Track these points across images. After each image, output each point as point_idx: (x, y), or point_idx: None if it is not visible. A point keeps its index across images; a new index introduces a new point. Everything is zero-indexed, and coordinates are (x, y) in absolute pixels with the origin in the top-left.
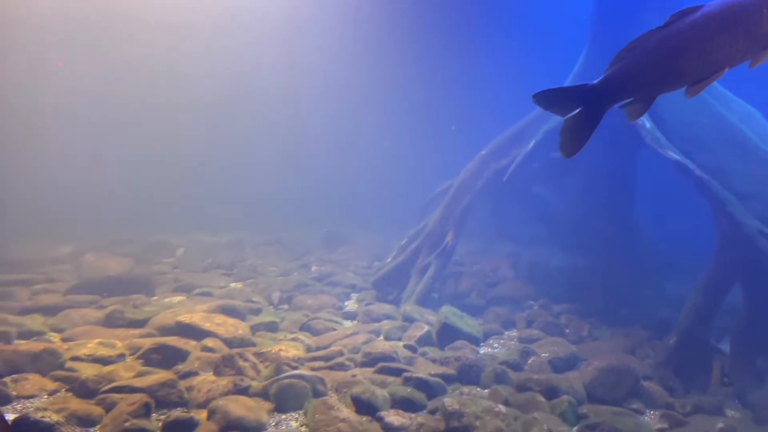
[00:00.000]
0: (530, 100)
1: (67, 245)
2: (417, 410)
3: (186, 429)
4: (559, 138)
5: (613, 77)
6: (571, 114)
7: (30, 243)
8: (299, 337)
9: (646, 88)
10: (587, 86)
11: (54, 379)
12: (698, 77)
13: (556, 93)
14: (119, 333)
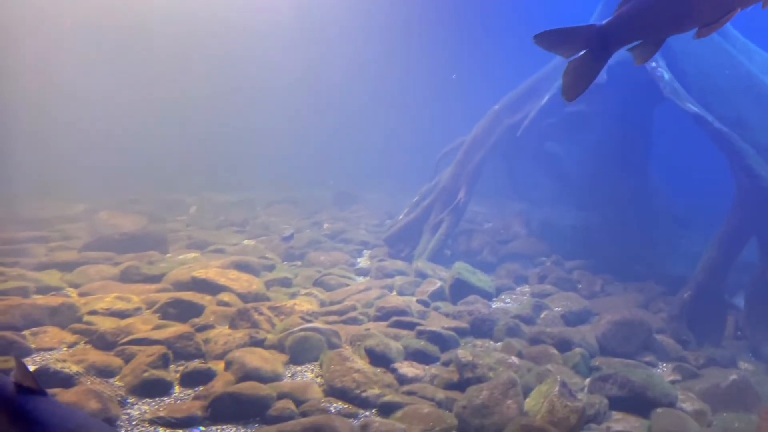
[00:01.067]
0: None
1: (80, 204)
2: (430, 362)
3: (204, 379)
4: (561, 81)
5: (621, 18)
6: (576, 56)
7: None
8: (313, 292)
9: (655, 30)
10: (593, 27)
11: (73, 332)
12: (709, 18)
13: (560, 33)
14: (135, 288)
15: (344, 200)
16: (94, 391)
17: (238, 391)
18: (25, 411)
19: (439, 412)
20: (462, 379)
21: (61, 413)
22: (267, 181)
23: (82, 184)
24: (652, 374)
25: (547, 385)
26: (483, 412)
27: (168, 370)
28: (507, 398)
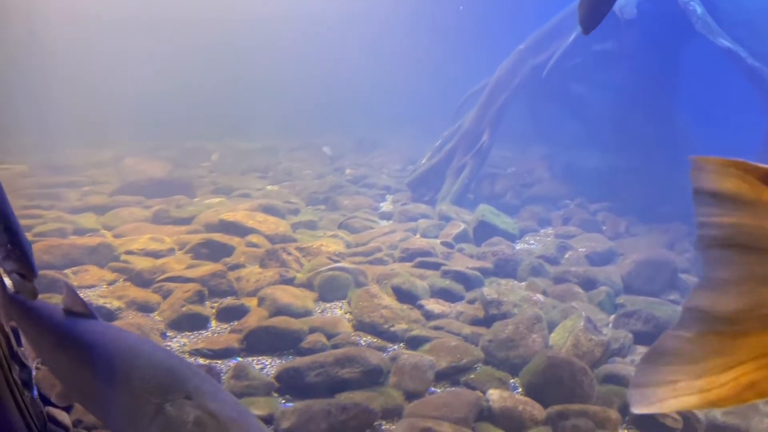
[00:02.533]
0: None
1: (106, 151)
2: (455, 301)
3: (238, 314)
4: (578, 11)
5: None
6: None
7: (70, 149)
8: (338, 235)
9: None
10: None
11: (111, 270)
12: None
13: None
14: (167, 230)
15: (366, 146)
16: (136, 325)
17: (272, 325)
18: (76, 335)
19: (465, 345)
20: (487, 315)
21: (112, 335)
22: (287, 128)
23: (105, 132)
24: (677, 310)
25: (572, 321)
26: (508, 345)
27: (204, 305)
28: (532, 333)
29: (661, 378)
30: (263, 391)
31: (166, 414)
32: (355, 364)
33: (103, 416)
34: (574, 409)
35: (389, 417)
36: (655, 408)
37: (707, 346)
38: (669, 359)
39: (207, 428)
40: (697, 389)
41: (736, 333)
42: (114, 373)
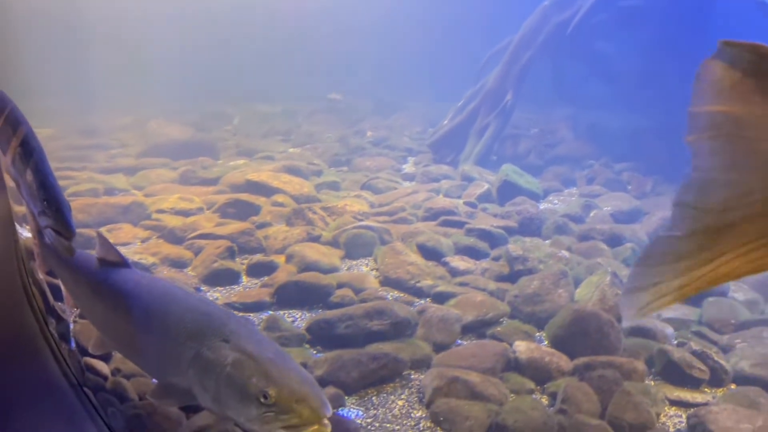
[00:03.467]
0: None
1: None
2: (480, 258)
3: (268, 270)
4: None
5: None
6: None
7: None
8: (362, 195)
9: None
10: None
11: (144, 228)
12: None
13: None
14: (194, 190)
15: (386, 109)
16: (171, 280)
17: (302, 280)
18: (111, 283)
19: (491, 300)
20: (512, 271)
21: (147, 282)
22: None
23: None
24: None
25: (597, 276)
26: (534, 300)
27: (234, 261)
28: (558, 287)
29: (648, 281)
30: (295, 342)
31: (204, 357)
32: (384, 316)
33: (140, 362)
34: (600, 361)
35: (418, 367)
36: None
37: (694, 243)
38: (656, 260)
39: (245, 369)
40: (676, 287)
41: (723, 225)
42: (150, 319)
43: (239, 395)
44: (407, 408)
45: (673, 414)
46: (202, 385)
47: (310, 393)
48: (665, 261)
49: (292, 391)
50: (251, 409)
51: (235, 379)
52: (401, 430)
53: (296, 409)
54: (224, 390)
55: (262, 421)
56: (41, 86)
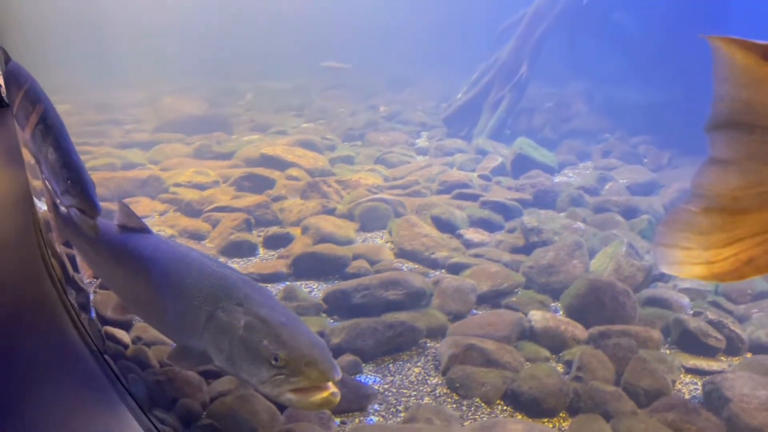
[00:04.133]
0: None
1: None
2: (495, 230)
3: (284, 242)
4: None
5: None
6: None
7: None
8: (376, 169)
9: None
10: None
11: (162, 201)
12: None
13: None
14: (209, 164)
15: (398, 84)
16: None
17: (318, 251)
18: (130, 248)
19: (506, 271)
20: (527, 243)
21: (165, 247)
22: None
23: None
24: None
25: (613, 247)
26: (549, 271)
27: (251, 233)
28: (573, 258)
29: (678, 242)
30: (312, 311)
31: (219, 320)
32: (399, 286)
33: (158, 325)
34: (616, 330)
35: (433, 336)
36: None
37: (711, 221)
38: (683, 227)
39: (257, 332)
40: (704, 259)
41: (737, 210)
42: (168, 283)
43: (251, 357)
44: (423, 375)
45: (689, 381)
46: (216, 347)
47: (320, 356)
48: (687, 230)
49: (302, 354)
50: (262, 371)
51: (247, 342)
52: (418, 396)
53: (305, 371)
54: (237, 352)
55: (273, 383)
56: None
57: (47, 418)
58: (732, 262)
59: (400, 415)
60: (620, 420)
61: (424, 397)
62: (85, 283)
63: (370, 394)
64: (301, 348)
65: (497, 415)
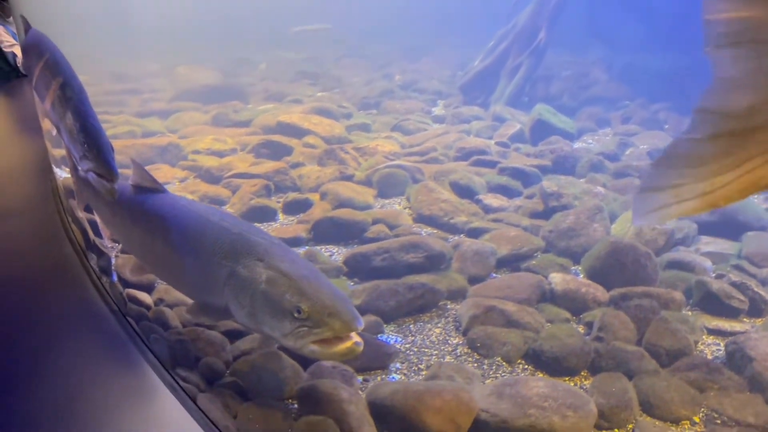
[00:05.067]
0: None
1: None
2: (513, 196)
3: (303, 207)
4: None
5: None
6: None
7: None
8: (392, 136)
9: None
10: None
11: (182, 168)
12: None
13: None
14: (227, 131)
15: (414, 54)
16: None
17: (337, 216)
18: (147, 208)
19: (525, 235)
20: (547, 208)
21: (182, 205)
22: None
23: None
24: (747, 202)
25: None
26: (569, 234)
27: (270, 199)
28: (593, 222)
29: (667, 182)
30: (333, 273)
31: (239, 275)
32: (419, 249)
33: (177, 284)
34: (637, 291)
35: (453, 298)
36: (655, 218)
37: (717, 147)
38: (677, 162)
39: (279, 286)
40: (699, 192)
41: (748, 129)
42: (187, 241)
43: (273, 311)
44: (444, 335)
45: (711, 342)
46: (237, 303)
47: (342, 307)
48: (686, 164)
49: (324, 305)
50: (285, 324)
51: (269, 296)
52: (439, 355)
53: (328, 322)
54: (259, 306)
55: (296, 335)
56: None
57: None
58: (736, 185)
59: (421, 373)
60: (642, 378)
61: (445, 357)
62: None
63: (392, 352)
64: (324, 299)
65: (518, 374)
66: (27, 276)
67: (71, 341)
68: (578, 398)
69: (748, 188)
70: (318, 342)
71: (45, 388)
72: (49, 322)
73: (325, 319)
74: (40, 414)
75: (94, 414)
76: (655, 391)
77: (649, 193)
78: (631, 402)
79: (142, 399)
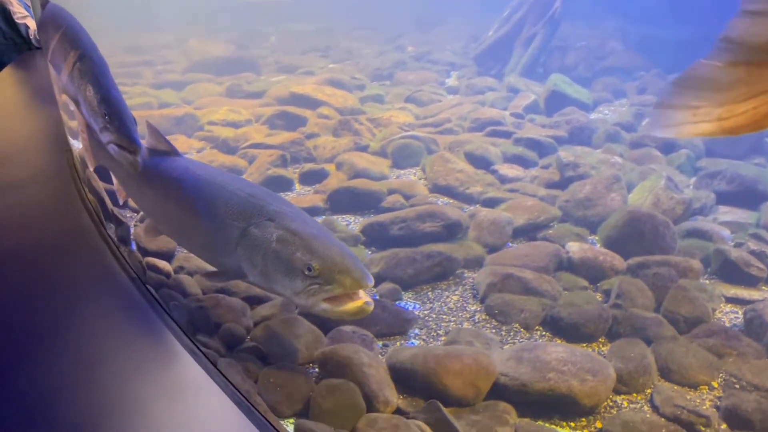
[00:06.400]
0: None
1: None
2: (529, 166)
3: (319, 177)
4: None
5: None
6: None
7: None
8: (406, 107)
9: None
10: None
11: (198, 139)
12: None
13: None
14: (241, 102)
15: (426, 25)
16: None
17: (353, 186)
18: (161, 170)
19: (542, 205)
20: (563, 178)
21: (194, 168)
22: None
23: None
24: (764, 173)
25: (651, 181)
26: (586, 204)
27: (287, 169)
28: (611, 192)
29: (684, 102)
30: (351, 242)
31: (251, 235)
32: (436, 219)
33: (190, 245)
34: (655, 260)
35: (471, 266)
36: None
37: (735, 74)
38: (696, 84)
39: (290, 245)
40: (715, 116)
41: (765, 62)
42: (199, 203)
43: (285, 269)
44: (462, 302)
45: (729, 310)
46: (250, 262)
47: (352, 265)
48: (704, 87)
49: (335, 263)
50: (296, 282)
51: (280, 255)
52: (457, 321)
53: (339, 279)
54: (271, 265)
55: (308, 293)
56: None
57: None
58: (750, 115)
59: (440, 339)
60: (661, 344)
61: (463, 323)
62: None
63: (410, 318)
64: (334, 257)
65: (536, 340)
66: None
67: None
68: (597, 363)
69: (762, 121)
70: (329, 300)
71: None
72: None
73: (335, 276)
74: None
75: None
76: (674, 356)
77: (666, 110)
78: (649, 367)
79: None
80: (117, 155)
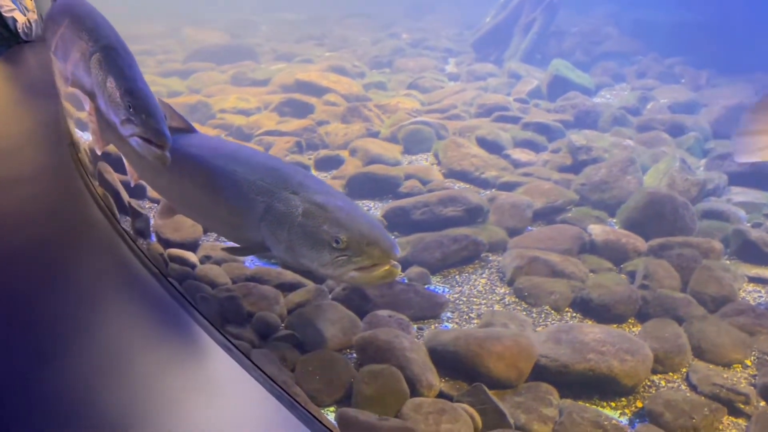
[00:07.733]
0: None
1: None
2: (539, 151)
3: (335, 164)
4: None
5: None
6: None
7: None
8: (411, 94)
9: None
10: None
11: (212, 127)
12: None
13: None
14: (248, 90)
15: (416, 12)
16: None
17: (372, 171)
18: (178, 148)
19: (559, 188)
20: (575, 162)
21: (213, 144)
22: None
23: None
24: None
25: (664, 163)
26: (602, 187)
27: (303, 155)
28: (626, 174)
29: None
30: None
31: (276, 210)
32: (458, 203)
33: (210, 223)
34: (677, 241)
35: (494, 250)
36: (757, 156)
37: None
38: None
39: (316, 218)
40: None
41: None
42: (220, 178)
43: (312, 242)
44: (490, 285)
45: (752, 290)
46: (275, 237)
47: (380, 236)
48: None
49: (363, 234)
50: (324, 254)
51: (307, 228)
52: (488, 304)
53: (367, 250)
54: (297, 239)
55: (336, 264)
56: None
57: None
58: None
59: (473, 321)
60: (692, 324)
61: (493, 306)
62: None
63: (443, 302)
64: (362, 229)
65: (567, 321)
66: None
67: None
68: (633, 343)
69: None
70: (358, 270)
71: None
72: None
73: (364, 248)
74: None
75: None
76: (706, 335)
77: (749, 136)
78: (684, 346)
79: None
80: (141, 148)
